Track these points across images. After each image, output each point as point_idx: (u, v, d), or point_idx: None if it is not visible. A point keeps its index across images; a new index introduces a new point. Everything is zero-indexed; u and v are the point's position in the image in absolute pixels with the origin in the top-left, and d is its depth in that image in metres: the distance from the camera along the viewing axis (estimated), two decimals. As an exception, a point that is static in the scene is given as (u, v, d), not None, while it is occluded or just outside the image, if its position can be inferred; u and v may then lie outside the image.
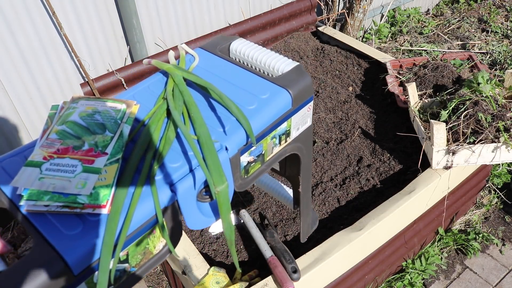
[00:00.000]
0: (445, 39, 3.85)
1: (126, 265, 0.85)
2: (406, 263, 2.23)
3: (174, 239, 0.94)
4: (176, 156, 0.90)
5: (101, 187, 0.80)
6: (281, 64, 1.14)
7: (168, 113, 1.00)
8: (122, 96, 1.09)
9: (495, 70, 3.34)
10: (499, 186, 2.63)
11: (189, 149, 0.91)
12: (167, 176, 0.87)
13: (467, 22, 4.08)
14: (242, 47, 1.22)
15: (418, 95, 2.28)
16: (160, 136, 0.94)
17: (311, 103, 1.13)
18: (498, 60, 3.49)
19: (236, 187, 1.01)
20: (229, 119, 0.98)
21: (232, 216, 1.92)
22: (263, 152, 1.06)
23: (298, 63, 1.13)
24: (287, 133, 1.11)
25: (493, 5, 4.38)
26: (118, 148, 0.87)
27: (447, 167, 1.92)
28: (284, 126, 1.08)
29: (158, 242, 0.90)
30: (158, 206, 0.83)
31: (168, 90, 1.04)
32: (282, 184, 1.57)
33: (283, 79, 1.08)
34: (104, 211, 0.78)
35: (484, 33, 3.95)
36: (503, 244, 2.39)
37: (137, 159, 0.88)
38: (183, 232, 1.72)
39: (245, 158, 1.01)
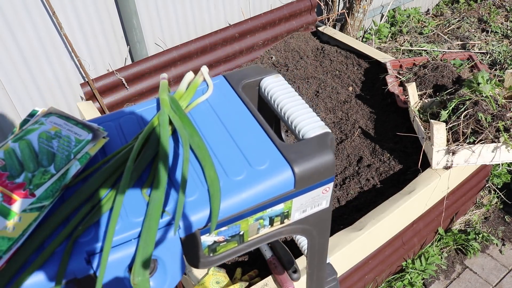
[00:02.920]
0: (445, 39, 3.85)
1: None
2: (406, 263, 2.23)
3: None
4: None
5: (2, 239, 0.66)
6: (306, 126, 0.90)
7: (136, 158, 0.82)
8: (111, 116, 0.94)
9: (495, 70, 3.34)
10: (499, 186, 2.63)
11: (133, 214, 0.75)
12: (92, 242, 0.71)
13: (467, 22, 4.09)
14: (271, 88, 1.00)
15: (418, 95, 2.28)
16: (109, 190, 0.78)
17: (330, 185, 0.88)
18: (498, 60, 3.50)
19: (193, 265, 0.84)
20: (203, 186, 0.79)
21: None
22: (241, 233, 0.84)
23: (327, 131, 0.88)
24: (284, 215, 0.87)
25: (493, 5, 4.38)
26: (50, 192, 0.73)
27: (447, 167, 1.92)
28: (279, 207, 0.85)
29: None
30: (61, 277, 0.67)
31: (144, 132, 0.86)
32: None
33: (294, 150, 0.84)
34: None
35: (484, 33, 3.95)
36: (503, 244, 2.39)
37: (67, 211, 0.74)
38: (183, 232, 1.72)
39: (210, 238, 0.81)
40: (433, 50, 3.58)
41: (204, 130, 0.90)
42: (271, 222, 0.87)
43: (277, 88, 1.00)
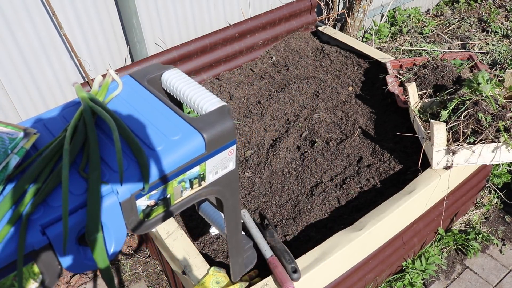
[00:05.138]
0: (445, 39, 3.85)
1: None
2: (406, 263, 2.23)
3: (49, 282, 0.88)
4: (61, 195, 0.85)
5: None
6: (206, 103, 1.08)
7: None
8: (34, 120, 1.06)
9: (495, 70, 3.34)
10: (499, 186, 2.63)
11: (75, 190, 0.87)
12: (45, 216, 0.82)
13: (467, 22, 4.08)
14: (172, 79, 1.18)
15: (418, 95, 2.28)
16: (50, 172, 0.90)
17: (233, 147, 1.06)
18: (498, 60, 3.49)
19: (132, 230, 0.97)
20: (131, 160, 0.93)
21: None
22: (168, 196, 0.99)
23: (224, 104, 1.06)
24: (200, 177, 1.04)
25: (493, 5, 4.37)
26: None
27: (447, 167, 1.91)
28: (196, 170, 1.01)
29: (29, 283, 0.85)
30: (21, 251, 0.78)
31: (72, 123, 0.99)
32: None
33: (200, 121, 1.01)
34: None
35: (484, 33, 3.95)
36: (503, 244, 2.39)
37: (17, 195, 0.84)
38: (183, 232, 1.73)
39: (143, 202, 0.95)
40: (433, 50, 3.58)
41: (123, 118, 1.05)
42: (191, 185, 1.03)
43: (177, 78, 1.17)
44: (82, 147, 0.95)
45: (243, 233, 1.55)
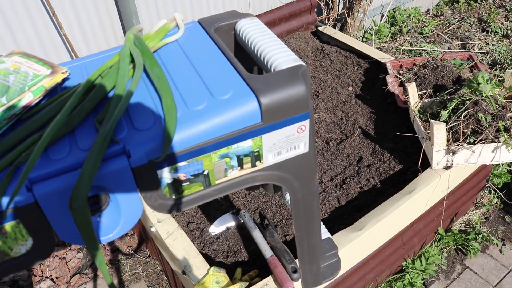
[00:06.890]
0: (445, 39, 3.85)
1: None
2: (406, 263, 2.23)
3: (42, 248, 0.74)
4: (65, 147, 0.71)
5: None
6: (278, 59, 0.85)
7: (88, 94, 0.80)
8: (74, 61, 0.94)
9: (495, 70, 3.34)
10: (499, 186, 2.63)
11: (82, 143, 0.73)
12: (38, 168, 0.68)
13: (467, 22, 4.08)
14: (246, 29, 0.97)
15: (418, 95, 2.28)
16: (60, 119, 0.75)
17: (306, 122, 0.81)
18: (498, 60, 3.49)
19: (153, 207, 0.79)
20: (159, 118, 0.76)
21: (232, 216, 1.93)
22: (205, 172, 0.78)
23: (300, 63, 0.83)
24: (254, 155, 0.81)
25: (493, 5, 4.38)
26: None
27: (447, 167, 1.91)
28: (247, 144, 0.78)
29: (15, 244, 0.73)
30: None
31: (104, 66, 0.86)
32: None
33: (261, 80, 0.79)
34: None
35: (484, 33, 3.95)
36: (503, 244, 2.39)
37: (15, 139, 0.72)
38: (183, 232, 1.73)
39: (168, 174, 0.76)
40: (433, 50, 3.58)
41: (169, 66, 0.88)
42: (240, 163, 0.80)
43: (252, 28, 0.96)
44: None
45: (328, 234, 1.17)
